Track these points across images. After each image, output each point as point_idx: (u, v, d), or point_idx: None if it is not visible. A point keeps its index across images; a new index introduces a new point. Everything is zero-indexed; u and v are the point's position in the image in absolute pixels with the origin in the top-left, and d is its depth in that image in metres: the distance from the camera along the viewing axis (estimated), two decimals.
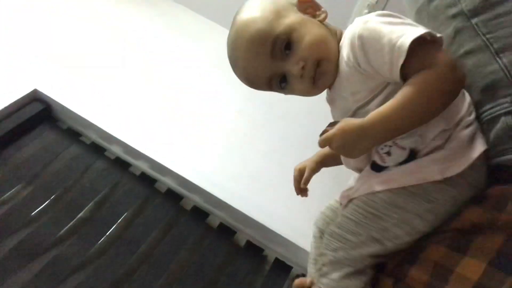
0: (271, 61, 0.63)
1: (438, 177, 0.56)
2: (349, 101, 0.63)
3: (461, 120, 0.58)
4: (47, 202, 1.24)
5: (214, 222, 1.35)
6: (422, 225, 0.58)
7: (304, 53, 0.61)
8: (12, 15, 1.67)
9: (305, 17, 0.65)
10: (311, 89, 0.64)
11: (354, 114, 0.63)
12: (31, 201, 1.24)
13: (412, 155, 0.58)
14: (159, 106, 1.55)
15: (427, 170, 0.57)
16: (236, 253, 1.29)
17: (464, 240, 0.52)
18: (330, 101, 0.70)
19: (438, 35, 0.56)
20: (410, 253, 0.58)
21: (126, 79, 1.61)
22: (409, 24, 0.58)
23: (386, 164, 0.61)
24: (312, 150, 1.58)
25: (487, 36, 0.59)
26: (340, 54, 0.63)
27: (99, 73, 1.59)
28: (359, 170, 0.69)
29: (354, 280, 0.61)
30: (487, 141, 0.58)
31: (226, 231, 1.34)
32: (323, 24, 0.66)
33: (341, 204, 0.69)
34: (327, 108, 0.75)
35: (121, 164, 1.40)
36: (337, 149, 0.58)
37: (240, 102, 1.67)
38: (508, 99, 0.56)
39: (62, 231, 1.20)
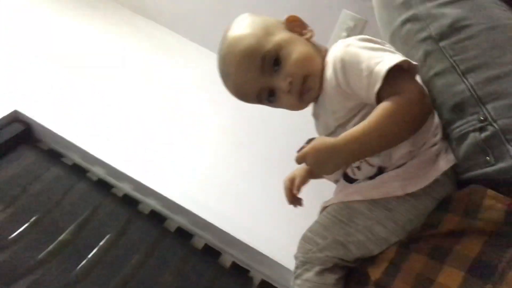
0: (261, 76, 0.66)
1: (400, 192, 0.60)
2: (330, 119, 0.67)
3: (426, 142, 0.62)
4: (27, 224, 1.22)
5: (198, 243, 1.34)
6: (383, 231, 0.61)
7: (292, 70, 0.64)
8: None
9: (293, 35, 0.68)
10: (298, 103, 0.68)
11: (334, 131, 0.67)
12: (10, 223, 1.21)
13: (380, 172, 0.63)
14: (142, 126, 1.56)
15: (389, 186, 0.61)
16: (222, 274, 1.27)
17: (443, 248, 0.54)
18: (315, 115, 0.73)
19: (414, 63, 0.60)
20: (393, 263, 0.60)
21: (108, 100, 1.61)
22: (388, 50, 0.62)
23: (356, 177, 0.66)
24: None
25: (454, 58, 0.63)
26: (325, 71, 0.66)
27: (81, 93, 1.59)
28: (336, 181, 0.72)
29: (324, 277, 0.64)
30: (457, 156, 0.62)
31: (211, 253, 1.33)
32: (310, 41, 0.70)
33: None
34: (311, 127, 0.77)
35: (104, 186, 1.39)
36: (311, 165, 0.61)
37: (224, 122, 1.69)
38: (475, 116, 0.59)
39: (42, 255, 1.17)
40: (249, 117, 1.76)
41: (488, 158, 0.57)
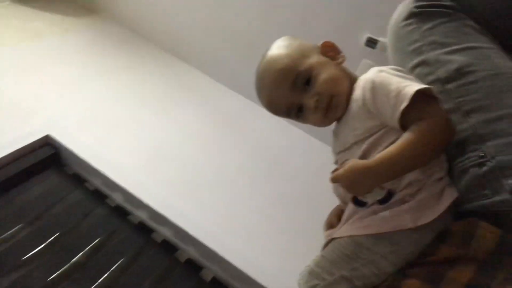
0: (292, 92, 0.73)
1: (411, 225, 0.62)
2: (349, 135, 0.71)
3: (433, 173, 0.65)
4: (44, 244, 1.26)
5: (207, 276, 1.35)
6: (387, 265, 0.63)
7: (319, 89, 0.71)
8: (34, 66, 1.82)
9: (326, 59, 0.75)
10: (322, 120, 0.73)
11: (350, 148, 0.71)
12: (28, 242, 1.25)
13: (390, 195, 0.65)
14: (161, 158, 1.62)
15: (401, 219, 0.62)
16: None
17: (438, 273, 0.56)
18: (336, 133, 0.77)
19: (438, 95, 0.65)
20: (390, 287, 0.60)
21: (133, 131, 1.70)
22: (416, 80, 0.67)
23: (365, 200, 0.67)
24: (307, 208, 1.61)
25: (459, 99, 0.67)
26: (353, 94, 0.71)
27: (109, 123, 1.69)
28: (344, 202, 0.74)
29: None
30: (458, 190, 0.64)
31: (218, 286, 1.32)
32: (341, 66, 0.76)
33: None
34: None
35: (121, 212, 1.43)
36: (345, 186, 0.65)
37: (241, 160, 1.74)
38: (476, 153, 0.62)
39: (55, 275, 1.20)
40: (265, 157, 1.81)
41: (485, 191, 0.60)
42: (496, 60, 0.69)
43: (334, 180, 0.66)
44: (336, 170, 0.67)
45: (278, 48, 0.76)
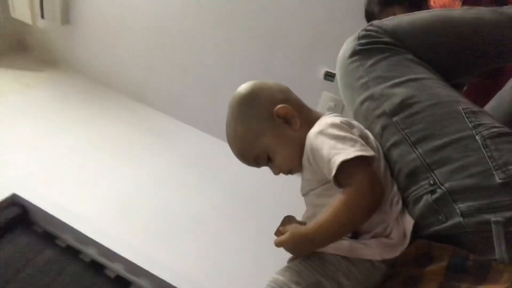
0: (257, 164, 0.82)
1: (378, 258, 0.67)
2: (305, 184, 0.78)
3: (393, 204, 0.70)
4: None
5: None
6: (347, 284, 0.68)
7: (278, 167, 0.80)
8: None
9: (280, 130, 0.78)
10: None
11: (307, 193, 0.78)
12: None
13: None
14: (134, 207, 1.60)
15: (370, 252, 0.68)
16: None
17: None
18: (301, 176, 0.83)
19: (369, 154, 0.67)
20: None
21: (103, 182, 1.68)
22: (351, 140, 0.69)
23: None
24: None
25: (405, 131, 0.72)
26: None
27: (77, 175, 1.67)
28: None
29: None
30: (414, 217, 0.68)
31: None
32: (296, 129, 0.78)
33: None
34: (300, 204, 0.85)
35: (96, 267, 1.39)
36: (288, 250, 0.72)
37: (216, 198, 1.74)
38: (427, 181, 0.67)
39: None
40: (240, 194, 1.82)
41: (440, 217, 0.64)
42: (436, 89, 0.75)
43: (277, 245, 0.72)
44: (279, 231, 0.74)
45: (235, 121, 0.80)
